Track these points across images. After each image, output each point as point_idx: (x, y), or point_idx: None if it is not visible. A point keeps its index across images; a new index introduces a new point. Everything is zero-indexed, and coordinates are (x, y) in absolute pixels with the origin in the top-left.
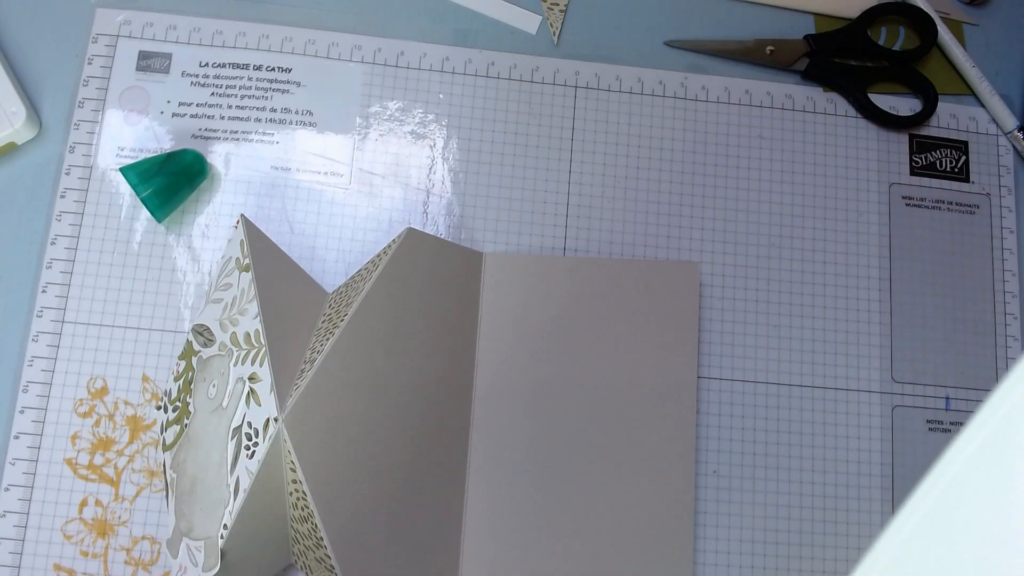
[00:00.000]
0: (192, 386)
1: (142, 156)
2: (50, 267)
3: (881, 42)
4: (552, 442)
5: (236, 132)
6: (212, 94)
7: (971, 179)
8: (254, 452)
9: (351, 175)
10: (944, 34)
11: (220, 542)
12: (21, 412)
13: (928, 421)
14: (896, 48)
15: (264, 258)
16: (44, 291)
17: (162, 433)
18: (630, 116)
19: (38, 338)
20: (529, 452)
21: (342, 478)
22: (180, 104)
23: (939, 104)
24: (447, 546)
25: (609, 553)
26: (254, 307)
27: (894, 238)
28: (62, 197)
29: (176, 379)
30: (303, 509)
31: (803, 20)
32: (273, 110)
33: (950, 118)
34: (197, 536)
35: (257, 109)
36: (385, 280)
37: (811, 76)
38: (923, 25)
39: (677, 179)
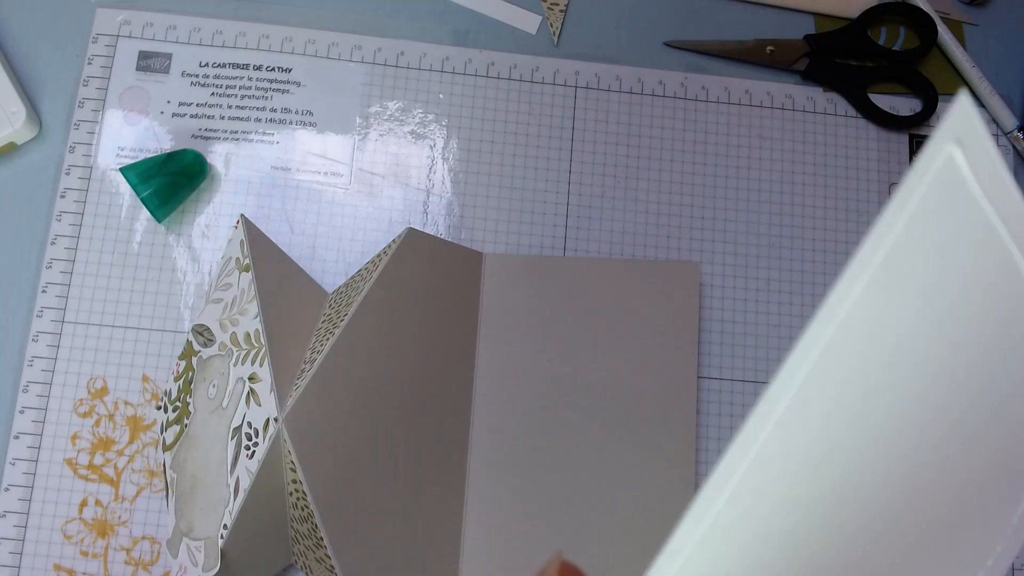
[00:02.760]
0: (192, 386)
1: (142, 156)
2: (50, 267)
3: (881, 42)
4: (552, 442)
5: (236, 132)
6: (212, 94)
7: None
8: (254, 452)
9: (351, 175)
10: (944, 34)
11: (220, 542)
12: (21, 412)
13: None
14: (896, 48)
15: (264, 258)
16: (44, 291)
17: (162, 433)
18: (630, 116)
19: (38, 338)
20: (529, 452)
21: (342, 478)
22: (180, 104)
23: (939, 104)
24: (447, 546)
25: (610, 554)
26: (254, 307)
27: None
28: (62, 197)
29: (176, 379)
30: (303, 509)
31: (803, 20)
32: (273, 110)
33: None
34: (197, 536)
35: (257, 109)
36: (385, 280)
37: (811, 76)
38: (923, 25)
39: (677, 179)
